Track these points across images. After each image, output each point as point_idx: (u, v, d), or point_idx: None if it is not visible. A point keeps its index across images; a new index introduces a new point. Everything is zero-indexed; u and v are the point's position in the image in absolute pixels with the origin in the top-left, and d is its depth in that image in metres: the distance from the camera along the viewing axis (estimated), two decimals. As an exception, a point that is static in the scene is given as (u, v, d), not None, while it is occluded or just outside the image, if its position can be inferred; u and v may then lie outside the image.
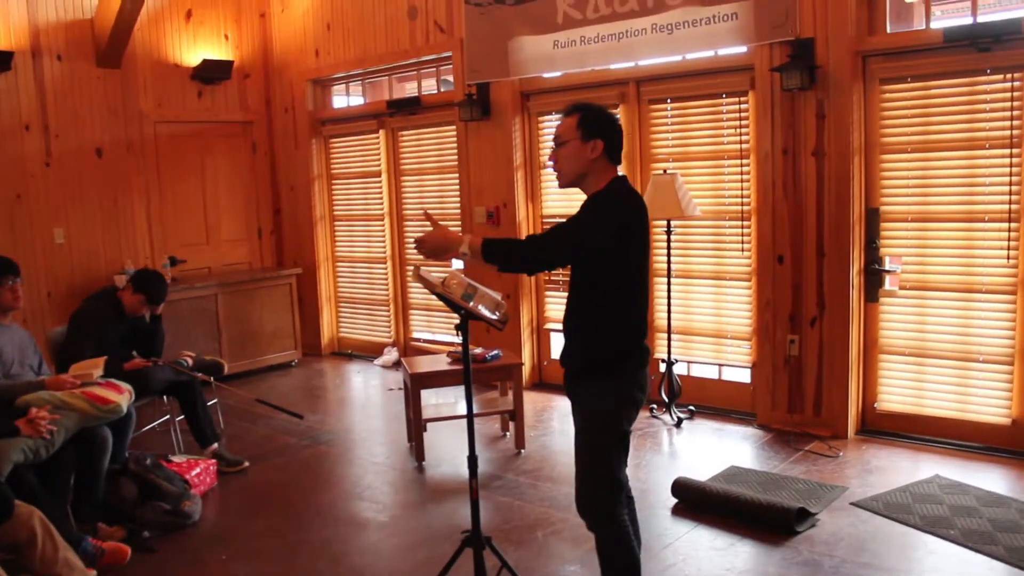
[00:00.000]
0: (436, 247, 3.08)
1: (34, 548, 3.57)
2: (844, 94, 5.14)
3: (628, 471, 3.22)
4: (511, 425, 5.64)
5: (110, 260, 7.49)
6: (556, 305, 6.93)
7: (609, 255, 2.96)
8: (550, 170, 6.59)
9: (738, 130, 5.73)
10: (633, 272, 3.06)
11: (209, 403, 5.67)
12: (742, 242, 5.79)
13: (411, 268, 4.91)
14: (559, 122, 3.13)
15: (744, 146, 5.70)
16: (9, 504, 3.59)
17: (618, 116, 3.16)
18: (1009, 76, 4.73)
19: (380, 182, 8.16)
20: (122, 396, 4.54)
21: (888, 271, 5.30)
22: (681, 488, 4.55)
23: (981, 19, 4.82)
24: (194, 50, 8.04)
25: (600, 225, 2.95)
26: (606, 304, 3.04)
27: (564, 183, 3.14)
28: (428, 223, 3.18)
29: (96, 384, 4.55)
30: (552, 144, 3.16)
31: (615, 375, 3.05)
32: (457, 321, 3.30)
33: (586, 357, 3.10)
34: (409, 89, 8.08)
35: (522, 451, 5.48)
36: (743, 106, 5.68)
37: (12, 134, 6.92)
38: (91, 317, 5.26)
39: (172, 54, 7.91)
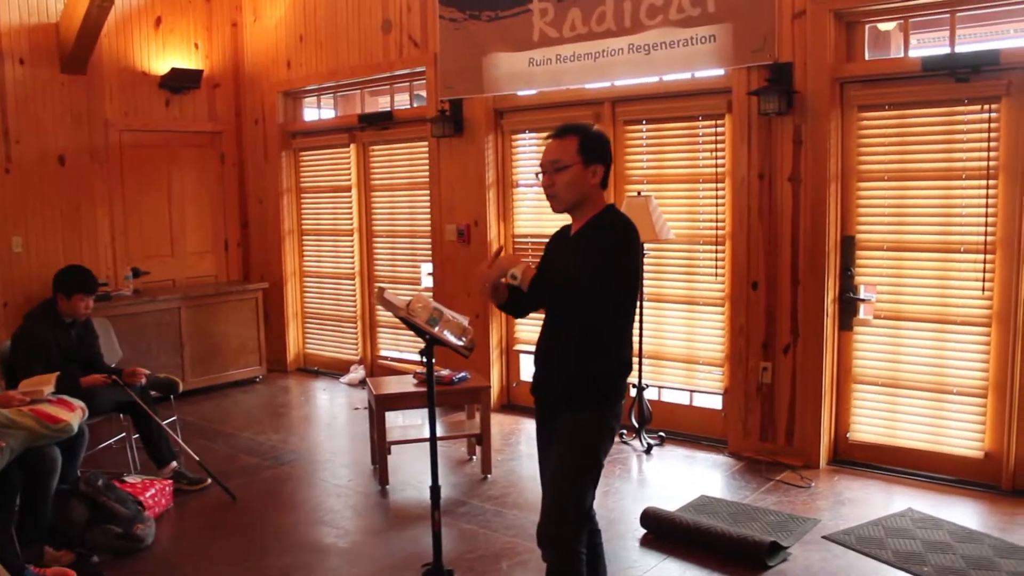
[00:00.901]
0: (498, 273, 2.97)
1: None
2: (821, 120, 5.09)
3: (596, 500, 3.12)
4: (478, 449, 5.51)
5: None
6: (525, 326, 6.82)
7: (626, 290, 2.93)
8: (523, 189, 6.65)
9: (714, 154, 5.66)
10: (631, 304, 3.01)
11: (167, 421, 5.49)
12: (716, 267, 5.72)
13: (377, 288, 4.76)
14: (552, 143, 3.02)
15: (720, 170, 5.64)
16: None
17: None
18: (986, 107, 4.70)
19: (350, 197, 8.03)
20: (73, 414, 4.37)
21: (863, 300, 5.24)
22: (650, 518, 4.44)
23: (959, 49, 4.79)
24: (163, 58, 7.88)
25: (628, 266, 2.89)
26: (602, 335, 2.95)
27: (561, 209, 3.04)
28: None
29: (46, 401, 4.37)
30: (540, 165, 3.05)
31: (601, 406, 2.97)
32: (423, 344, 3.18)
33: (576, 387, 2.98)
34: (381, 103, 7.97)
35: (488, 476, 5.35)
36: (719, 129, 5.63)
37: (-29, 139, 6.74)
38: (31, 336, 5.05)
39: (140, 62, 7.75)
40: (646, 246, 5.70)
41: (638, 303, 5.64)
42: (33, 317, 5.22)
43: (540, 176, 3.06)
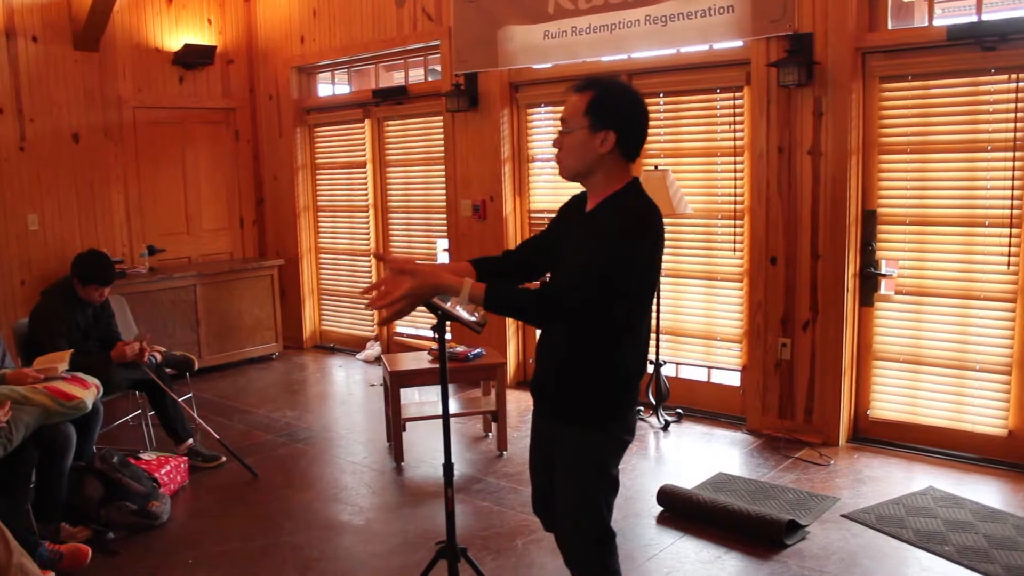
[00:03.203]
0: (425, 292, 2.50)
1: (-14, 553, 3.39)
2: (843, 91, 4.98)
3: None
4: (493, 426, 5.48)
5: (86, 248, 7.20)
6: (543, 302, 6.76)
7: (636, 291, 2.52)
8: (539, 163, 6.58)
9: (732, 126, 5.56)
10: (649, 301, 2.61)
11: (183, 398, 5.48)
12: (734, 242, 5.64)
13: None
14: (569, 97, 2.56)
15: (738, 143, 5.54)
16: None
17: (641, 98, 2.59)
18: (1014, 77, 4.57)
19: (365, 173, 7.98)
20: (87, 392, 4.36)
21: (884, 275, 5.15)
22: (667, 496, 4.40)
23: (986, 17, 4.66)
24: (176, 34, 7.83)
25: (635, 264, 2.45)
26: (614, 341, 2.54)
27: (566, 176, 2.61)
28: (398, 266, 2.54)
29: (60, 379, 4.37)
30: (559, 126, 2.60)
31: (604, 423, 2.61)
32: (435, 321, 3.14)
33: (574, 401, 2.63)
34: (396, 78, 7.90)
35: (504, 453, 5.32)
36: (738, 102, 5.52)
37: (-15, 117, 6.72)
38: (50, 312, 5.04)
39: (153, 38, 7.70)
40: (663, 221, 5.61)
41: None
42: (51, 294, 5.21)
43: None
